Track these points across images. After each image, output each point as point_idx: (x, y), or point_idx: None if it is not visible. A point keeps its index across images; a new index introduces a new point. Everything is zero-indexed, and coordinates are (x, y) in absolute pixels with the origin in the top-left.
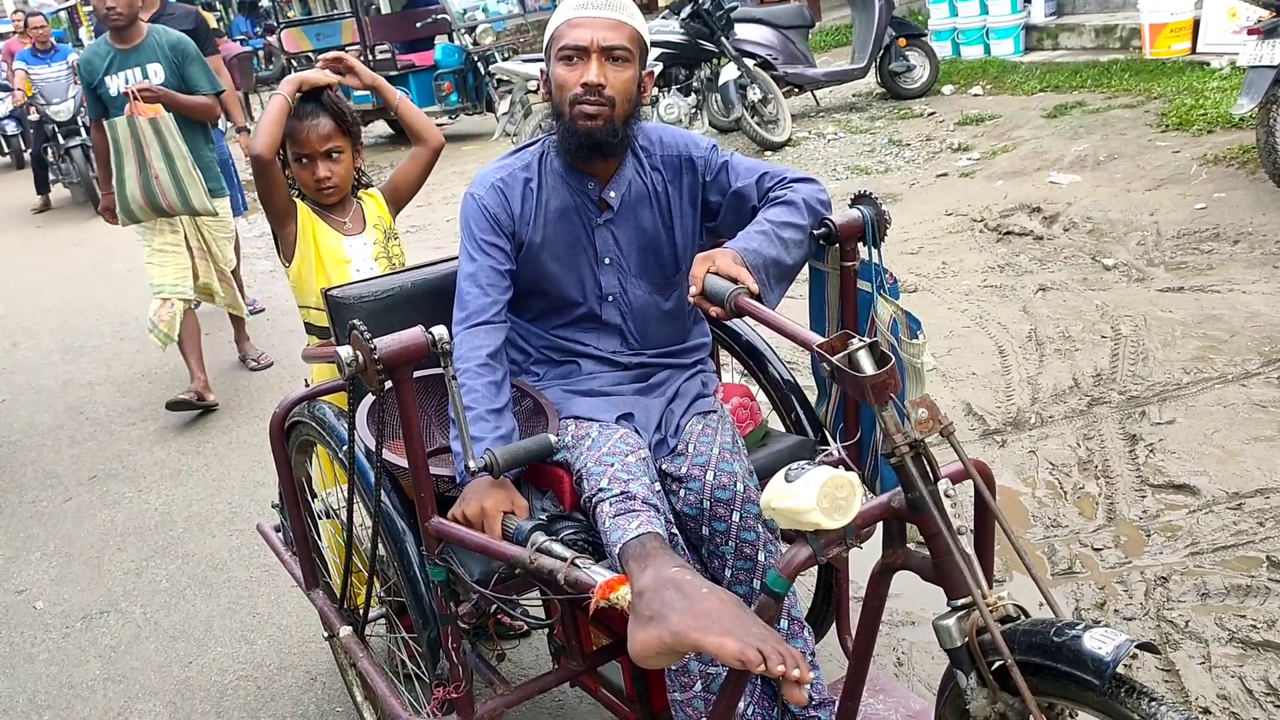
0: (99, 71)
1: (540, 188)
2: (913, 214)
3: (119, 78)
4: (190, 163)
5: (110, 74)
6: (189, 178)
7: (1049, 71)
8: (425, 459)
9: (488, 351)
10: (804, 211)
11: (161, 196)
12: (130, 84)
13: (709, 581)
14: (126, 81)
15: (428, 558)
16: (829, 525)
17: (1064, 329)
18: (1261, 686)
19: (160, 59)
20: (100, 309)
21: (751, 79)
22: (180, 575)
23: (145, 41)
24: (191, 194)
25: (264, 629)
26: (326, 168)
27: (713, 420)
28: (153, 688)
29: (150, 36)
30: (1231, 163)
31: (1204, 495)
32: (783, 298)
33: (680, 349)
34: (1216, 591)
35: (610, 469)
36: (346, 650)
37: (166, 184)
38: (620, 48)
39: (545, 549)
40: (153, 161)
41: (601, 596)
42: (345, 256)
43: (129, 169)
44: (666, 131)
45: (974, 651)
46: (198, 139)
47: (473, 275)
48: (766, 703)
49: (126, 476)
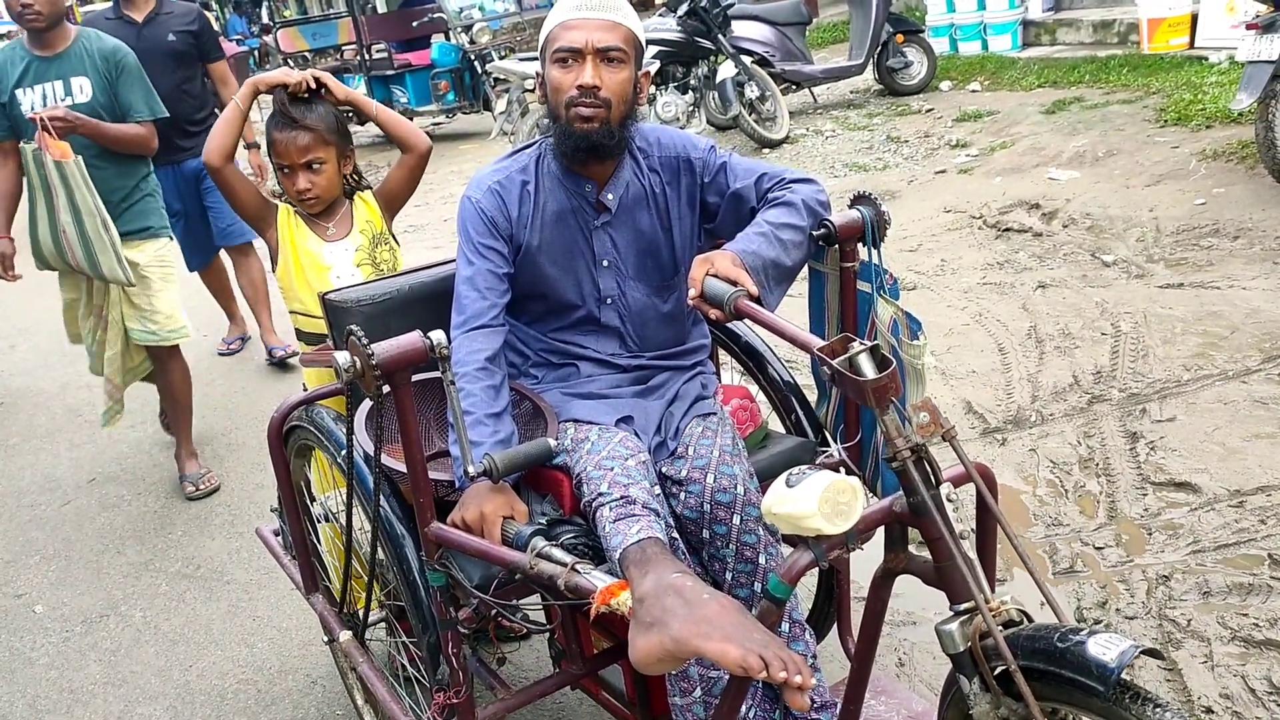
0: (9, 82)
1: (537, 190)
2: (911, 211)
3: (34, 92)
4: (100, 221)
5: (24, 86)
6: (99, 240)
7: (1047, 67)
8: (424, 464)
9: (486, 355)
10: (803, 212)
11: (69, 253)
12: (47, 102)
13: (710, 587)
14: (44, 98)
15: (427, 563)
16: (831, 530)
17: (1064, 326)
18: (1264, 685)
19: (89, 72)
20: None
21: (749, 76)
22: (180, 579)
23: (71, 49)
24: (101, 259)
25: (264, 632)
26: (307, 179)
27: (713, 422)
28: (153, 692)
29: (78, 43)
30: (1230, 158)
31: (1205, 493)
32: (782, 299)
33: (679, 351)
34: (1219, 590)
35: (610, 473)
36: (346, 655)
37: (74, 241)
38: (615, 49)
39: (545, 554)
40: (60, 212)
41: (602, 602)
42: (325, 264)
43: (40, 209)
44: (664, 133)
45: (977, 657)
46: (131, 172)
47: (470, 279)
48: (768, 705)
49: (125, 479)
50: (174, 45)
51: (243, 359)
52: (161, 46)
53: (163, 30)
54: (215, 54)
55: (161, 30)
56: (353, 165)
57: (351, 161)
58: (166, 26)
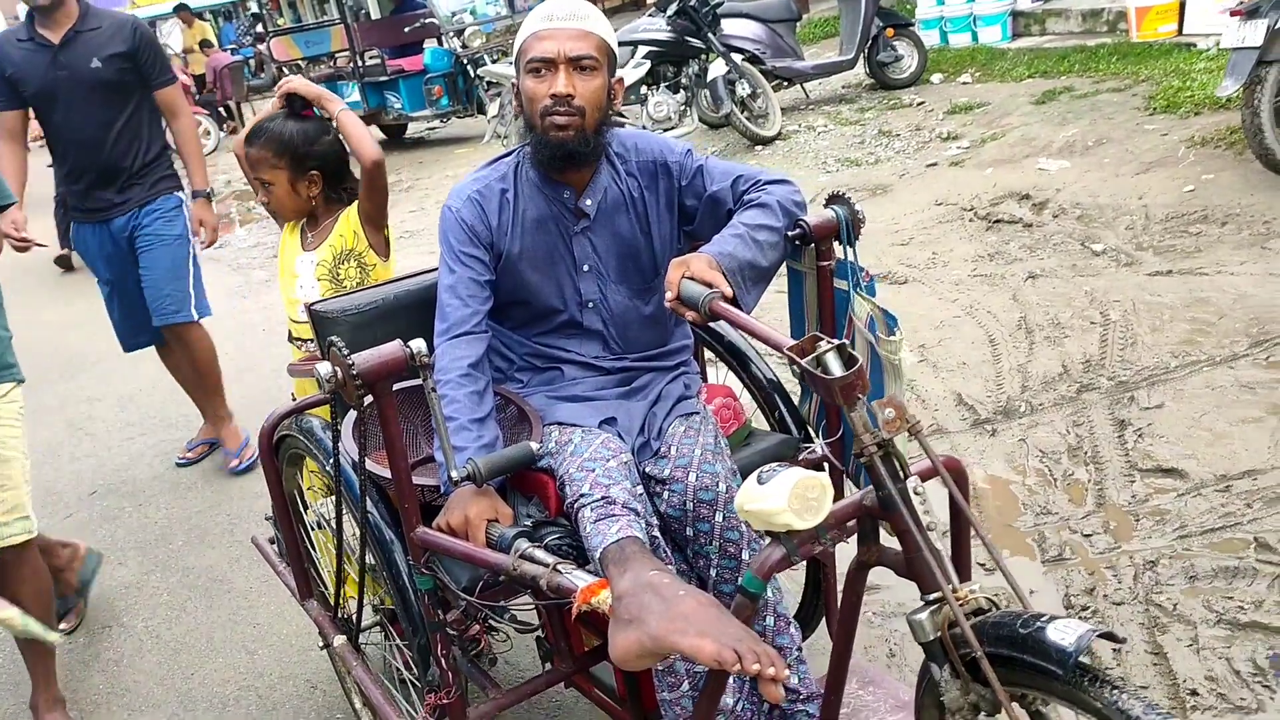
0: None
1: (517, 198)
2: (903, 204)
3: None
4: None
5: None
6: None
7: (1037, 57)
8: (408, 470)
9: (469, 362)
10: (778, 213)
11: None
12: None
13: (686, 584)
14: None
15: (414, 567)
16: (800, 526)
17: (1054, 316)
18: (1249, 668)
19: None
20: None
21: (740, 74)
22: (181, 588)
23: None
24: None
25: (265, 639)
26: (262, 194)
27: (695, 421)
28: (155, 700)
29: None
30: (1219, 144)
31: (1192, 478)
32: (759, 300)
33: (662, 352)
34: (1205, 574)
35: (592, 474)
36: (341, 659)
37: None
38: (587, 57)
39: (528, 556)
40: None
41: (583, 601)
42: (295, 271)
43: None
44: (641, 138)
45: (946, 644)
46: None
47: (452, 287)
48: (756, 699)
49: (126, 491)
50: (100, 75)
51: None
52: (83, 77)
53: (85, 55)
54: (160, 78)
55: (83, 56)
56: (319, 189)
57: (316, 185)
58: (90, 50)
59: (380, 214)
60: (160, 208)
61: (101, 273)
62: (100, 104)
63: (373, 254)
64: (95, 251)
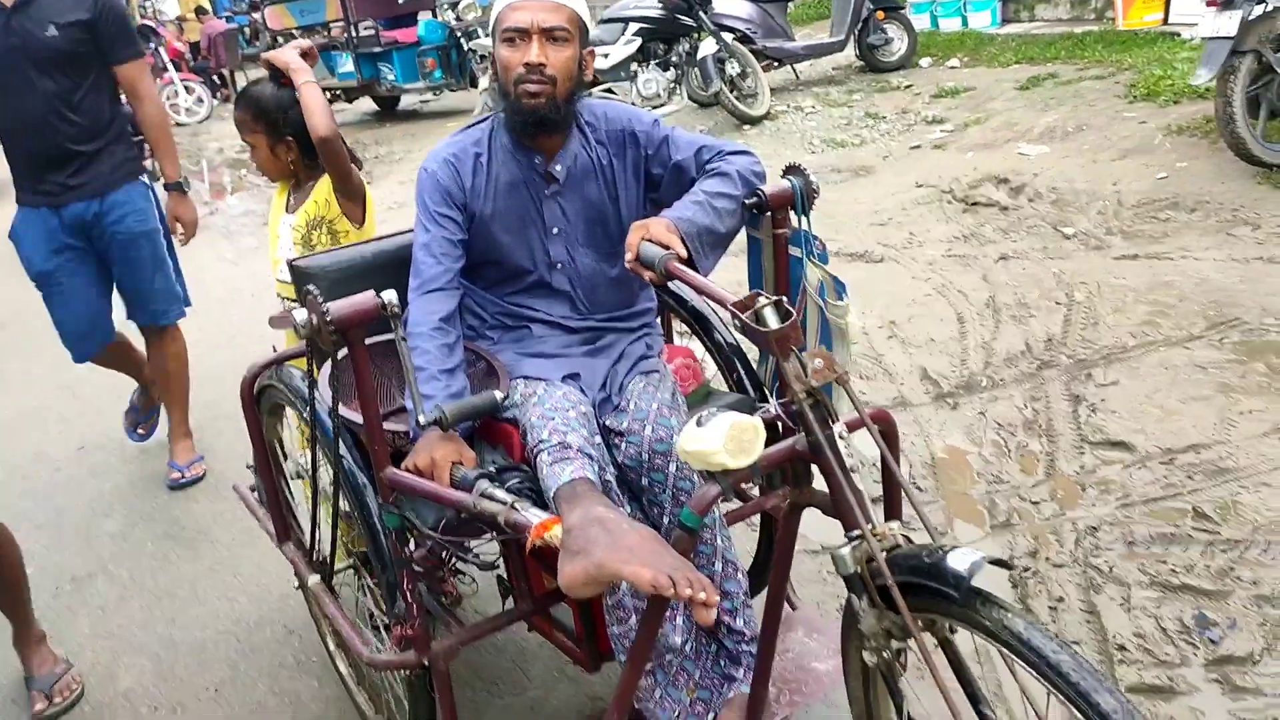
0: None
1: (490, 162)
2: (885, 186)
3: None
4: None
5: None
6: None
7: (1025, 43)
8: (378, 413)
9: (440, 316)
10: (737, 182)
11: None
12: None
13: (631, 520)
14: None
15: (383, 506)
16: (734, 465)
17: (1021, 296)
18: (1176, 626)
19: None
20: None
21: (730, 53)
22: (165, 539)
23: None
24: None
25: (244, 588)
26: (251, 153)
27: (654, 379)
28: (139, 643)
29: None
30: (1195, 133)
31: (1139, 451)
32: (717, 263)
33: (626, 314)
34: (1142, 540)
35: (551, 423)
36: (315, 597)
37: None
38: (559, 28)
39: (488, 494)
40: None
41: (536, 535)
42: (278, 232)
43: None
44: (611, 107)
45: (864, 577)
46: None
47: (426, 245)
48: (704, 639)
49: (113, 448)
50: (54, 43)
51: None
52: (37, 45)
53: (40, 21)
54: (123, 52)
55: (39, 21)
56: (295, 155)
57: (292, 151)
58: (47, 14)
59: (344, 183)
60: (129, 203)
61: (39, 265)
62: (53, 76)
63: (345, 221)
64: (39, 240)
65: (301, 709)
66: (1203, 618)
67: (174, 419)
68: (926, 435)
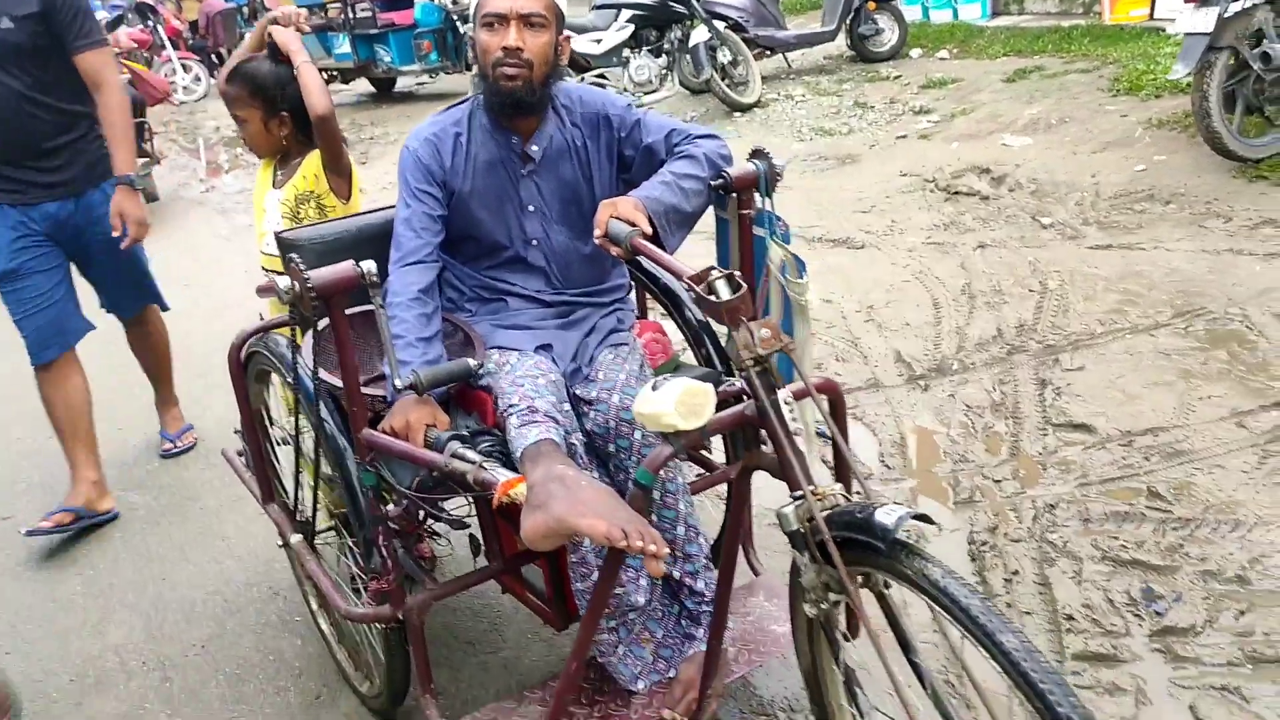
0: None
1: (469, 142)
2: (869, 174)
3: None
4: None
5: None
6: None
7: (1013, 36)
8: (358, 377)
9: (419, 288)
10: (704, 164)
11: None
12: None
13: (590, 477)
14: None
15: (360, 465)
16: (685, 427)
17: (996, 283)
18: (1123, 599)
19: None
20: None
21: (721, 41)
22: (156, 504)
23: None
24: None
25: (232, 551)
26: (241, 129)
27: (623, 351)
28: (129, 602)
29: None
30: (1174, 126)
31: (1100, 433)
32: (683, 241)
33: (599, 289)
34: (1097, 517)
35: (521, 389)
36: (298, 555)
37: None
38: (536, 15)
39: (459, 455)
40: None
41: (502, 493)
42: (263, 206)
43: None
44: (586, 91)
45: (805, 533)
46: None
47: (407, 220)
48: (667, 600)
49: (108, 417)
50: (12, 37)
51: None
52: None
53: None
54: (80, 40)
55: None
56: (289, 130)
57: (286, 126)
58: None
59: (336, 161)
60: (106, 203)
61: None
62: (14, 72)
63: (332, 197)
64: (3, 238)
65: (284, 665)
66: (1149, 591)
67: (162, 392)
68: (897, 416)
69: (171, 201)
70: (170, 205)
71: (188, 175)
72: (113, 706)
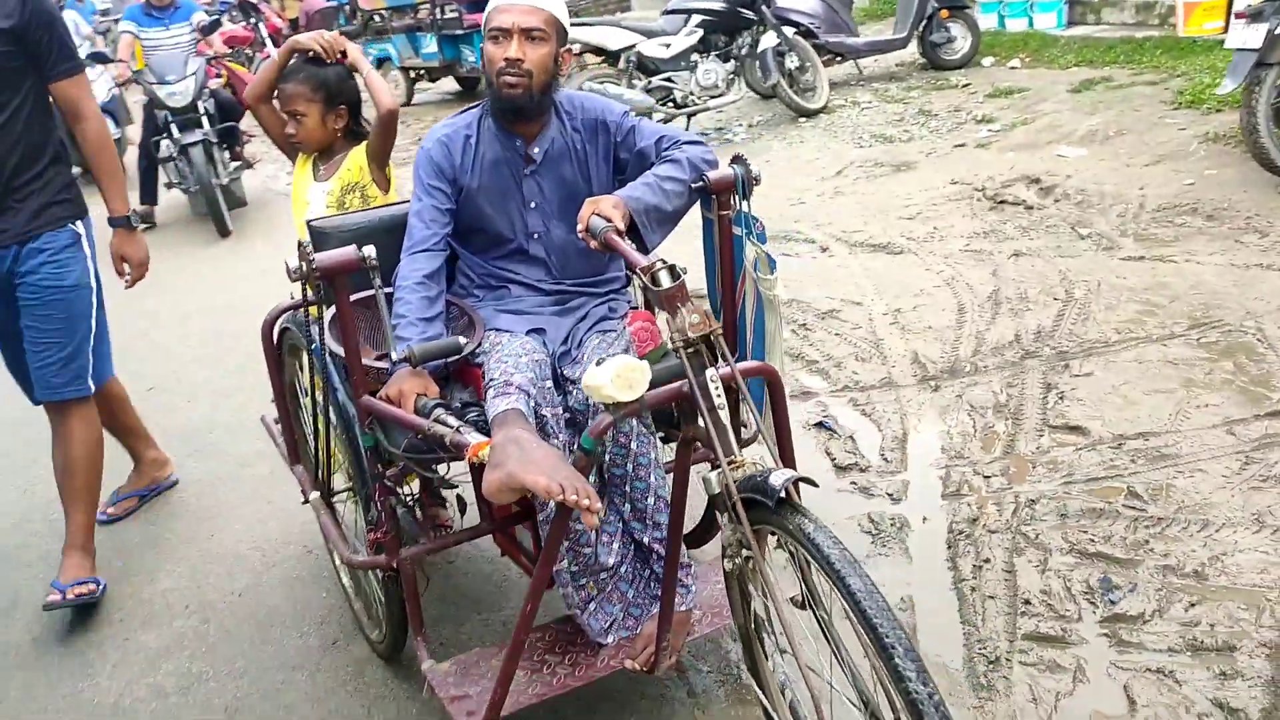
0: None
1: (478, 142)
2: (921, 182)
3: None
4: None
5: None
6: None
7: (1086, 46)
8: (358, 348)
9: (425, 273)
10: (686, 168)
11: None
12: None
13: (543, 441)
14: None
15: (360, 427)
16: (621, 399)
17: (1023, 291)
18: (1081, 587)
19: None
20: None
21: (790, 47)
22: (211, 473)
23: None
24: None
25: (275, 514)
26: (292, 125)
27: (609, 337)
28: (180, 554)
29: None
30: (1229, 141)
31: (1093, 435)
32: (665, 237)
33: (595, 280)
34: (1074, 513)
35: (504, 365)
36: (315, 508)
37: None
38: (537, 29)
39: (440, 420)
40: None
41: (473, 454)
42: (306, 199)
43: None
44: (587, 99)
45: (725, 496)
46: None
47: (419, 212)
48: (639, 564)
49: (178, 391)
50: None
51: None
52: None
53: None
54: (59, 66)
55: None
56: (346, 122)
57: (344, 119)
58: None
59: (385, 155)
60: (49, 247)
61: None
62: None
63: (374, 188)
64: None
65: (309, 614)
66: (1107, 581)
67: (73, 523)
68: (904, 413)
69: (261, 194)
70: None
71: (276, 169)
72: (155, 640)
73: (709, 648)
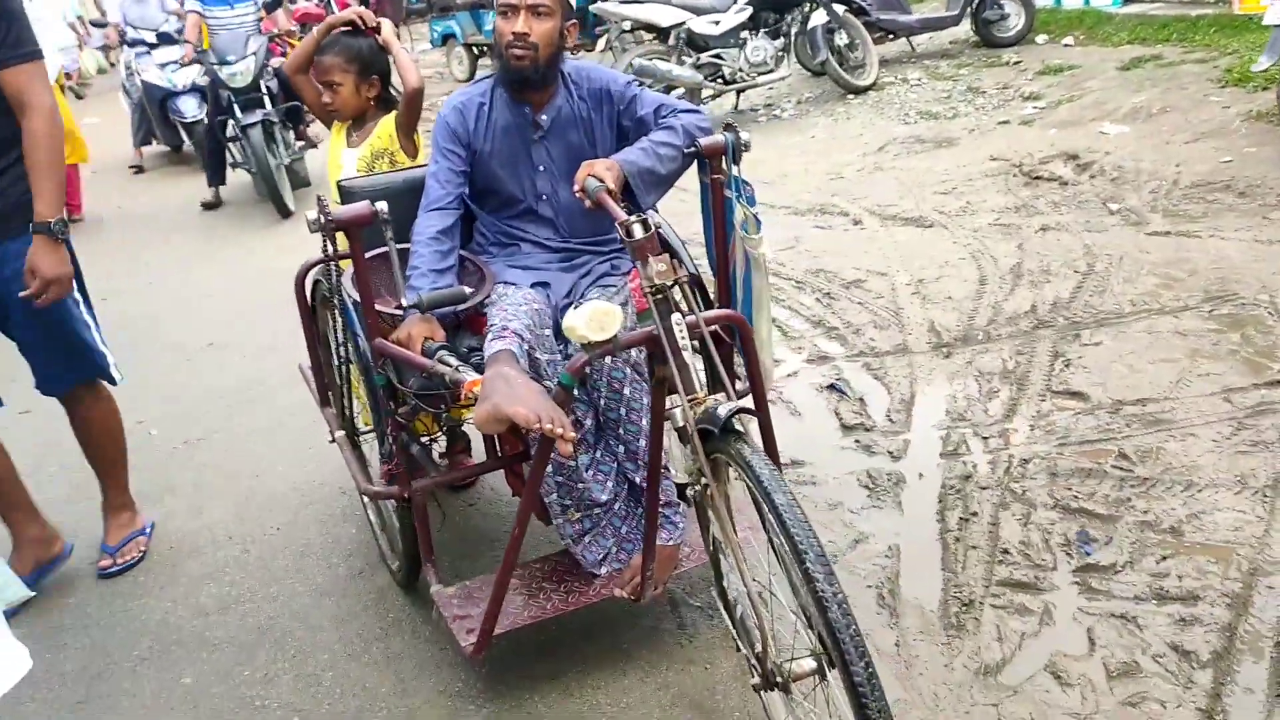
0: None
1: (491, 110)
2: (960, 158)
3: None
4: None
5: None
6: None
7: (1141, 24)
8: (371, 295)
9: (438, 229)
10: (680, 134)
11: None
12: None
13: (526, 377)
14: None
15: (374, 368)
16: (593, 339)
17: (1046, 264)
18: (1059, 540)
19: None
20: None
21: (840, 25)
22: (259, 420)
23: None
24: None
25: (315, 459)
26: (328, 94)
27: (609, 292)
28: (224, 491)
29: None
30: (1273, 119)
31: (1092, 401)
32: (659, 199)
33: (600, 240)
34: (1064, 473)
35: (504, 313)
36: (340, 445)
37: None
38: (543, 5)
39: (442, 360)
40: None
41: (468, 390)
42: (340, 163)
43: None
44: (593, 69)
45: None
46: None
47: (435, 174)
48: (632, 503)
49: (234, 348)
50: None
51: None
52: None
53: None
54: (6, 52)
55: None
56: (378, 91)
57: (376, 88)
58: None
59: (411, 127)
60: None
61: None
62: None
63: (403, 155)
64: None
65: (339, 547)
66: (1084, 534)
67: (108, 492)
68: (914, 378)
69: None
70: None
71: None
72: (198, 568)
73: (701, 585)
